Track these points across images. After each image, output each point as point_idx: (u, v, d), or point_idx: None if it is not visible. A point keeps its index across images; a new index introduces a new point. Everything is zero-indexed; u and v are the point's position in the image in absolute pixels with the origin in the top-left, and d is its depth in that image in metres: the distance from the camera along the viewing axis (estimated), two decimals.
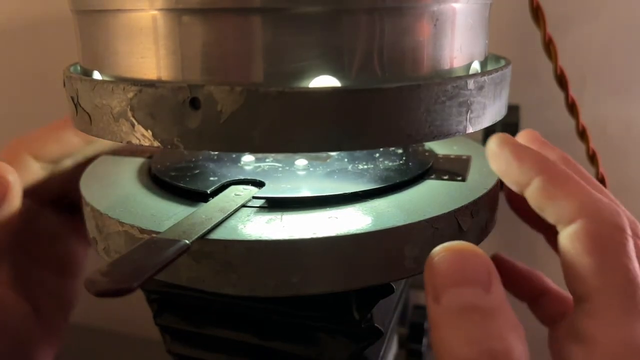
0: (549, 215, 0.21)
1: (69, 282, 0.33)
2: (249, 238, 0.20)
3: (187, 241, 0.19)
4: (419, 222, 0.21)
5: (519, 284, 0.30)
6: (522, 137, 0.26)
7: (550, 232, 0.27)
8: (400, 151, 0.29)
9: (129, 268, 0.17)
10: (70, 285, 0.33)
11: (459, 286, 0.18)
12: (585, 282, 0.19)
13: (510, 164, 0.22)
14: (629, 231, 0.20)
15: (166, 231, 0.20)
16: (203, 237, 0.20)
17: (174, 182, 0.25)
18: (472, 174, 0.26)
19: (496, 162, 0.23)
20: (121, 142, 0.21)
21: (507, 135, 0.23)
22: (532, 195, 0.22)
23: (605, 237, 0.20)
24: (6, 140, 0.32)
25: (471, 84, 0.21)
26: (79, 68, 0.25)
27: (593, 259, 0.19)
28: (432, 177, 0.25)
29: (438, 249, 0.19)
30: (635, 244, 0.20)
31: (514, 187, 0.23)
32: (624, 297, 0.19)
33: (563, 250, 0.20)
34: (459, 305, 0.18)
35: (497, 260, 0.31)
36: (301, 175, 0.26)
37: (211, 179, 0.25)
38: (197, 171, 0.26)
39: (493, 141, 0.23)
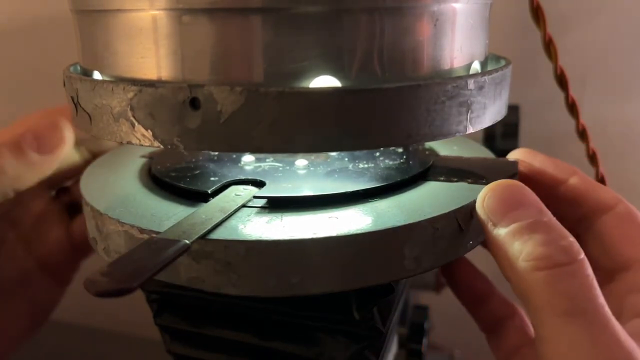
0: (591, 202, 0.25)
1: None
2: (249, 238, 0.20)
3: (187, 241, 0.19)
4: (419, 222, 0.21)
5: (465, 286, 0.30)
6: (521, 155, 0.27)
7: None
8: (400, 150, 0.29)
9: (129, 268, 0.17)
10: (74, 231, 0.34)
11: (519, 208, 0.21)
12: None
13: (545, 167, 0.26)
14: None
15: (166, 231, 0.20)
16: (203, 237, 0.20)
17: (174, 182, 0.25)
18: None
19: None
20: (121, 142, 0.21)
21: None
22: (575, 186, 0.25)
23: None
24: None
25: (471, 84, 0.21)
26: (79, 68, 0.25)
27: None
28: (441, 179, 0.25)
29: (485, 189, 0.22)
30: None
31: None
32: None
33: (608, 226, 0.24)
34: (524, 221, 0.20)
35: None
36: (301, 174, 0.26)
37: (211, 179, 0.25)
38: (197, 171, 0.26)
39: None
